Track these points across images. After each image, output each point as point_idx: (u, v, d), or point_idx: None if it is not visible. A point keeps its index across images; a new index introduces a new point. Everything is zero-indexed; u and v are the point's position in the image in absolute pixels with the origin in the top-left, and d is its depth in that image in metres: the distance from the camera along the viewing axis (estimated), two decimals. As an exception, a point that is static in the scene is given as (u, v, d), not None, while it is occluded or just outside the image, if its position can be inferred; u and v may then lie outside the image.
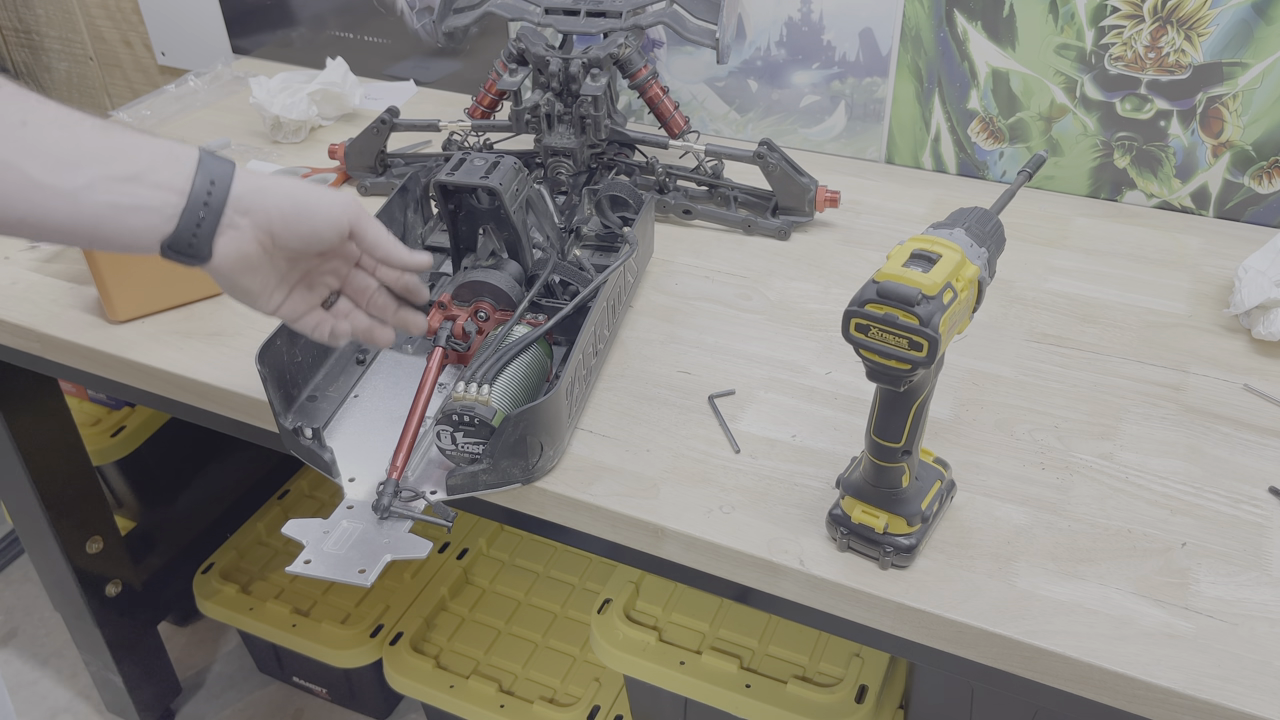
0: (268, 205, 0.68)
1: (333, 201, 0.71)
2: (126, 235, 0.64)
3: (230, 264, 0.68)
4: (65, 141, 0.63)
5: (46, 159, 0.62)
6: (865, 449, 0.70)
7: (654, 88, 1.11)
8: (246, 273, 0.70)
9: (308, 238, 0.71)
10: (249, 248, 0.68)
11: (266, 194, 0.69)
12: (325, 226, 0.71)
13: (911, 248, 0.63)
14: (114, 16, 1.76)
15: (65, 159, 0.62)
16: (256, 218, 0.68)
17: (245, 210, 0.67)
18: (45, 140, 0.62)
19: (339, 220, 0.72)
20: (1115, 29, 1.08)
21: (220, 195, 0.66)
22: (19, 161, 0.61)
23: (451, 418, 0.76)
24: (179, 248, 0.66)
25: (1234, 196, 1.12)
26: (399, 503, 0.76)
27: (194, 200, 0.65)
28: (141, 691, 1.52)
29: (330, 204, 0.71)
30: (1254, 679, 0.64)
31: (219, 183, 0.66)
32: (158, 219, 0.65)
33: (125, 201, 0.64)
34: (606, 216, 1.03)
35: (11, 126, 0.61)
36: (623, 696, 1.32)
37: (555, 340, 0.91)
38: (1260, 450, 0.81)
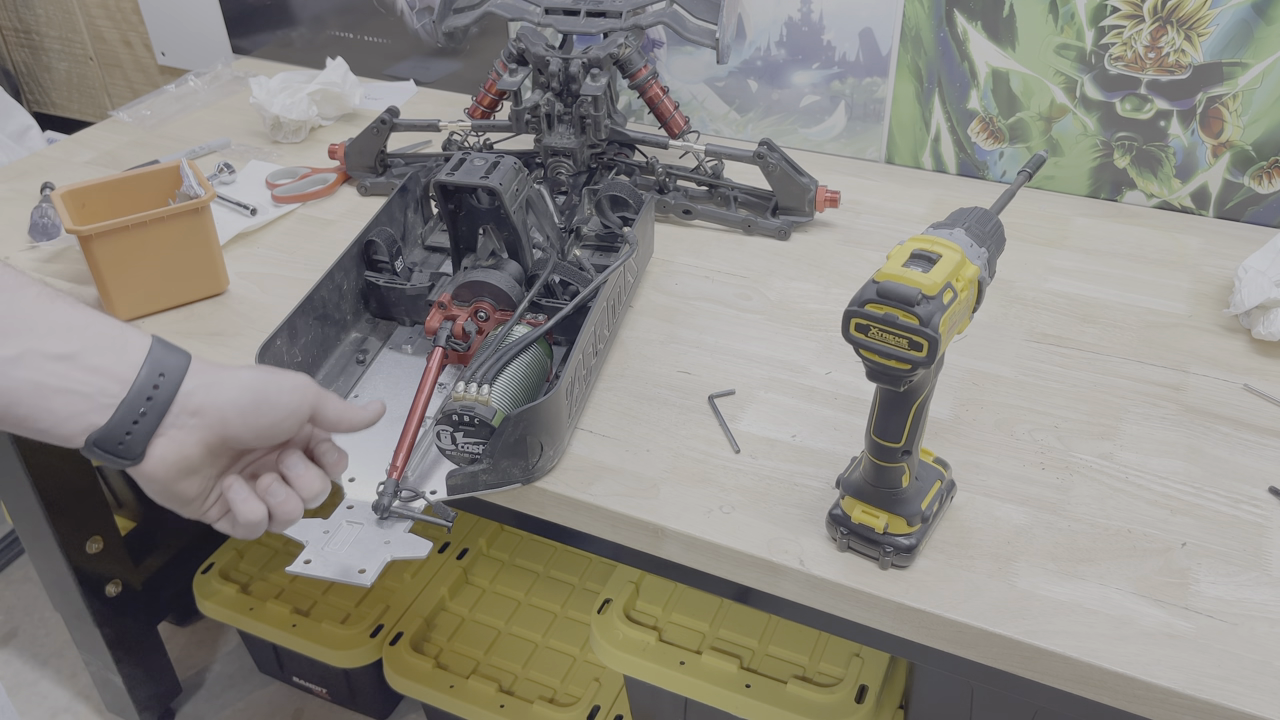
0: (221, 402, 0.61)
1: (293, 387, 0.65)
2: (46, 419, 0.57)
3: (166, 469, 0.60)
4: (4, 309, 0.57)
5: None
6: (865, 449, 0.70)
7: (654, 88, 1.11)
8: (184, 478, 0.62)
9: (265, 432, 0.64)
10: (191, 450, 0.61)
11: (221, 389, 0.62)
12: (285, 416, 0.64)
13: (911, 248, 0.63)
14: (114, 16, 1.76)
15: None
16: (208, 417, 0.61)
17: (195, 410, 0.61)
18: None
19: (299, 408, 0.65)
20: (1115, 29, 1.08)
21: (168, 390, 0.60)
22: None
23: (451, 418, 0.76)
24: (107, 445, 0.58)
25: (1234, 196, 1.12)
26: (399, 503, 0.76)
27: (135, 393, 0.59)
28: (141, 691, 1.52)
29: (291, 391, 0.65)
30: (1254, 679, 0.64)
31: (169, 375, 0.60)
32: (86, 406, 0.58)
33: (53, 382, 0.57)
34: (606, 216, 1.03)
35: None
36: (623, 696, 1.32)
37: (555, 340, 0.91)
38: (1260, 450, 0.81)
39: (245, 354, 0.94)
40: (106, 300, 0.98)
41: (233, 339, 0.97)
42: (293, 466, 0.67)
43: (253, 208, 1.17)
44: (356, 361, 0.92)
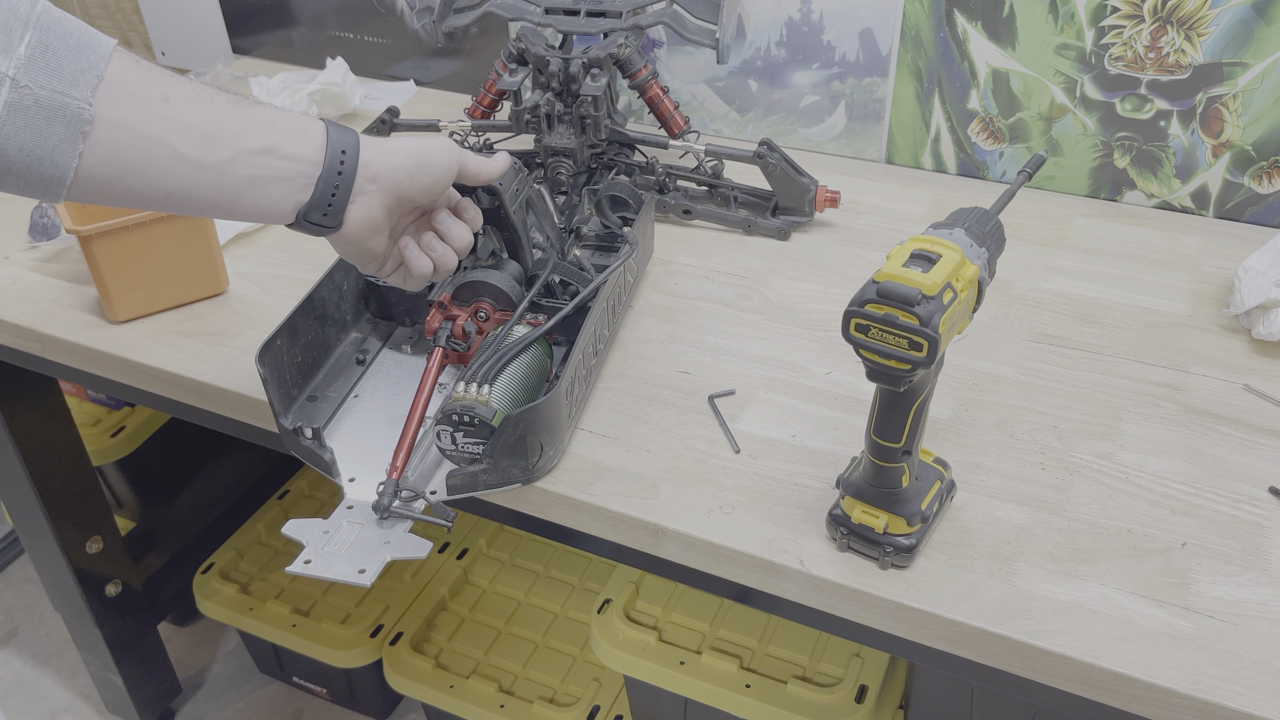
0: (393, 167, 0.72)
1: (444, 148, 0.75)
2: (265, 205, 0.68)
3: (360, 230, 0.72)
4: (205, 116, 0.65)
5: (191, 134, 0.64)
6: (865, 449, 0.70)
7: (654, 88, 1.11)
8: (373, 236, 0.73)
9: (429, 188, 0.74)
10: (377, 212, 0.72)
11: (390, 156, 0.72)
12: (443, 173, 0.75)
13: (911, 248, 0.63)
14: (114, 16, 1.76)
15: (208, 134, 0.65)
16: (384, 182, 0.71)
17: (373, 177, 0.71)
18: (188, 116, 0.64)
19: (451, 165, 0.75)
20: (1115, 29, 1.08)
21: (351, 165, 0.70)
22: (167, 136, 0.64)
23: (451, 418, 0.76)
24: (313, 216, 0.70)
25: (1234, 196, 1.12)
26: (399, 503, 0.76)
27: (328, 170, 0.69)
28: (141, 691, 1.52)
29: (442, 151, 0.75)
30: (1254, 679, 0.64)
31: (349, 153, 0.70)
32: (293, 188, 0.68)
33: (265, 174, 0.67)
34: (606, 216, 1.03)
35: (155, 102, 0.63)
36: (623, 696, 1.32)
37: (555, 340, 0.91)
38: (1260, 450, 0.81)
39: (246, 354, 0.95)
40: (106, 300, 0.98)
41: (233, 339, 0.97)
42: (443, 222, 0.79)
43: (253, 208, 1.17)
44: (356, 361, 0.92)
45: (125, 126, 0.62)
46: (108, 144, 0.62)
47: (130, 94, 0.62)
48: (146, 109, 0.63)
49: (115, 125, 0.62)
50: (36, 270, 1.08)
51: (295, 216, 0.70)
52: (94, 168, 0.62)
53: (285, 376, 0.84)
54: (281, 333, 0.82)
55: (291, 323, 0.84)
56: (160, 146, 0.63)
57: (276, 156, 0.68)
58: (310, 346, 0.87)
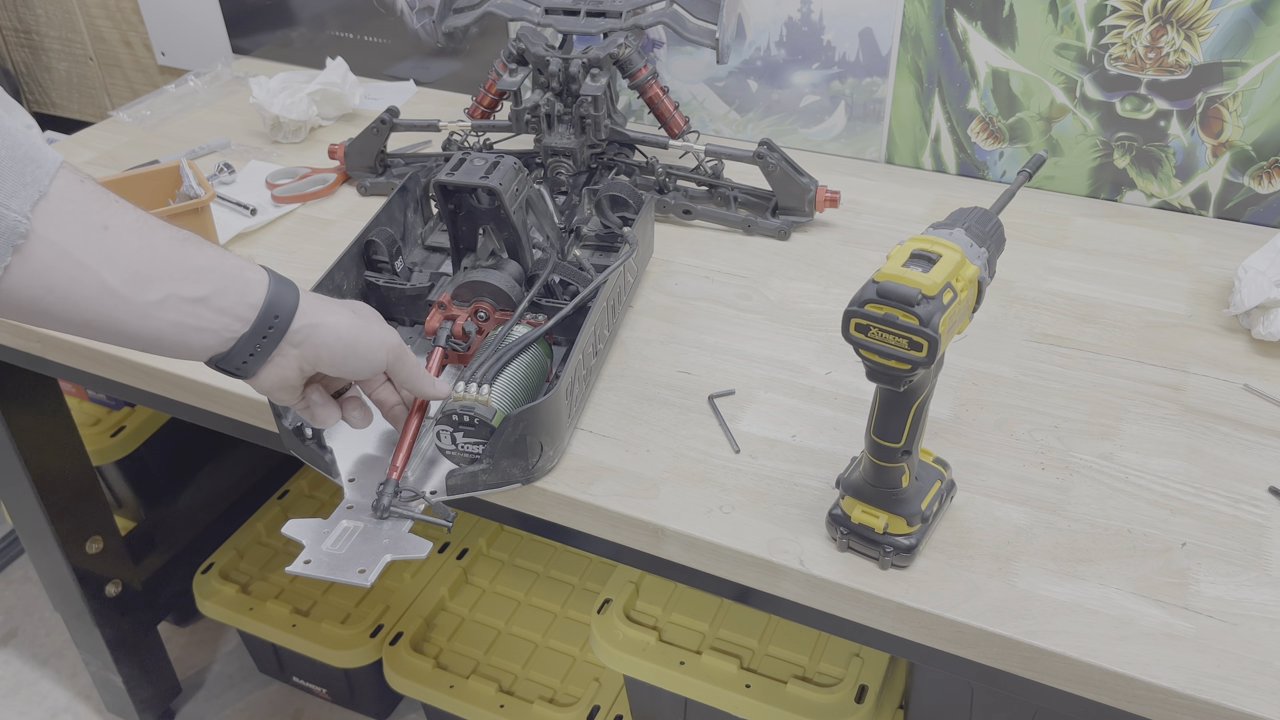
0: (318, 343, 0.71)
1: (380, 344, 0.74)
2: (182, 350, 0.67)
3: (270, 385, 0.71)
4: (143, 253, 0.63)
5: (124, 269, 0.62)
6: (865, 449, 0.70)
7: (654, 88, 1.11)
8: (282, 391, 0.73)
9: (349, 374, 0.74)
10: (290, 373, 0.71)
11: (322, 332, 0.71)
12: (367, 368, 0.74)
13: (911, 248, 0.63)
14: (114, 16, 1.76)
15: (141, 273, 0.63)
16: (305, 352, 0.71)
17: (297, 344, 0.70)
18: (125, 249, 0.62)
19: (381, 363, 0.75)
20: (1115, 29, 1.08)
21: (280, 330, 0.69)
22: (98, 268, 0.61)
23: (451, 418, 0.76)
24: (226, 365, 0.69)
25: (1234, 196, 1.12)
26: (399, 502, 0.76)
27: (254, 333, 0.68)
28: (141, 691, 1.52)
29: (376, 347, 0.74)
30: (1254, 679, 0.64)
31: (282, 318, 0.69)
32: (215, 340, 0.67)
33: (191, 322, 0.66)
34: (606, 216, 1.03)
35: (93, 229, 0.61)
36: (623, 696, 1.32)
37: (555, 340, 0.91)
38: (1260, 450, 0.81)
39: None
40: (106, 300, 0.98)
41: (233, 339, 0.97)
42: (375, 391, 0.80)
43: (253, 208, 1.17)
44: (356, 361, 0.92)
45: (58, 249, 0.59)
46: (36, 263, 0.58)
47: (69, 215, 0.60)
48: (84, 234, 0.60)
49: (48, 245, 0.59)
50: (36, 270, 1.08)
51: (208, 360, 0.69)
52: (16, 284, 0.59)
53: (285, 376, 0.84)
54: (281, 333, 0.82)
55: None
56: (89, 276, 0.60)
57: (207, 308, 0.66)
58: (310, 346, 0.87)
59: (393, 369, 0.76)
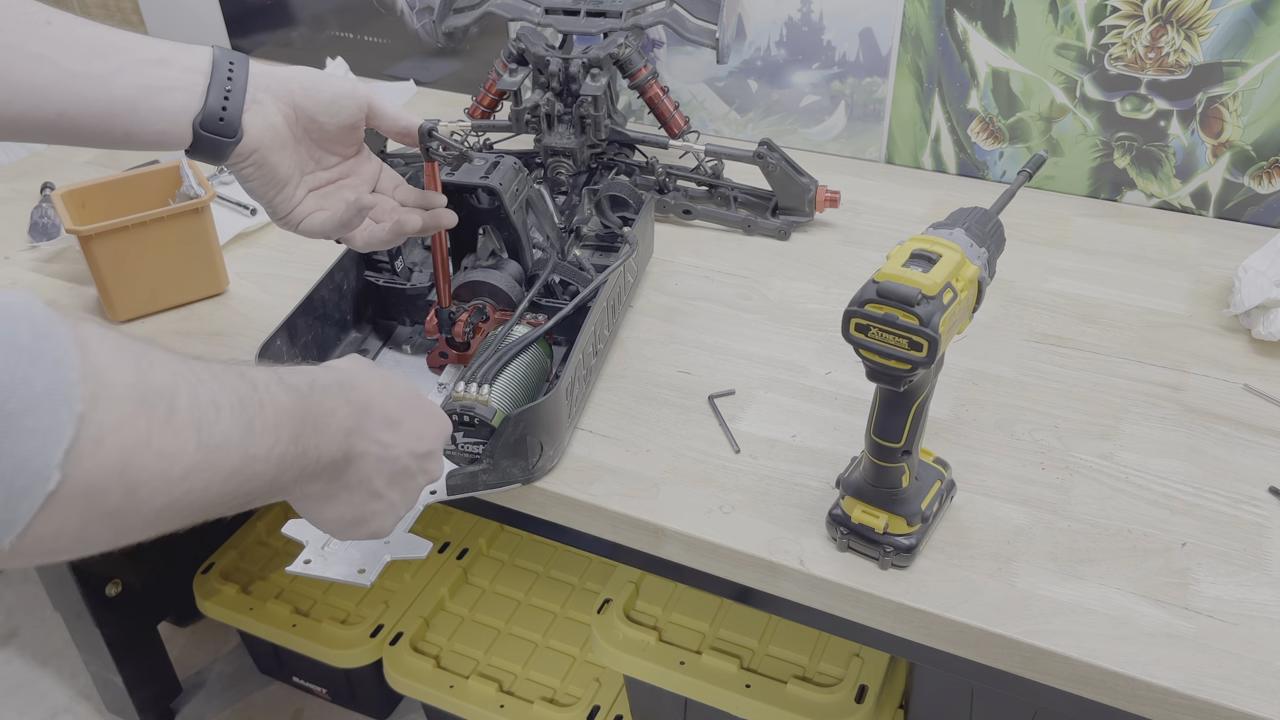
0: (286, 78, 0.72)
1: (347, 79, 0.75)
2: (160, 117, 0.67)
3: (262, 138, 0.70)
4: (90, 35, 0.65)
5: (77, 50, 0.64)
6: (865, 449, 0.70)
7: (654, 88, 1.11)
8: (277, 149, 0.72)
9: (329, 106, 0.73)
10: (276, 119, 0.71)
11: (282, 72, 0.72)
12: (341, 94, 0.74)
13: (911, 248, 0.63)
14: (114, 16, 1.76)
15: (94, 48, 0.65)
16: (278, 93, 0.71)
17: (266, 87, 0.71)
18: (72, 34, 0.64)
19: (356, 92, 0.75)
20: (1115, 29, 1.08)
21: (242, 72, 0.70)
22: (52, 54, 0.63)
23: (451, 417, 0.76)
24: (210, 125, 0.68)
25: (1234, 196, 1.12)
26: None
27: (218, 75, 0.68)
28: (141, 691, 1.52)
29: (344, 79, 0.75)
30: (1254, 679, 0.64)
31: (238, 63, 0.70)
32: (186, 97, 0.67)
33: (156, 83, 0.66)
34: (606, 216, 1.03)
35: (38, 25, 0.63)
36: (623, 696, 1.32)
37: (555, 340, 0.91)
38: (1260, 450, 0.81)
39: (246, 354, 0.94)
40: (106, 300, 0.98)
41: (233, 339, 0.97)
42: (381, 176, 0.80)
43: (253, 208, 1.17)
44: (356, 361, 0.92)
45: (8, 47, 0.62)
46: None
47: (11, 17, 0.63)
48: (29, 31, 0.63)
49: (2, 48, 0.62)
50: (36, 270, 1.08)
51: (192, 130, 0.68)
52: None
53: (285, 376, 0.84)
54: (281, 332, 0.82)
55: (291, 322, 0.84)
56: (45, 65, 0.63)
57: (168, 66, 0.67)
58: (310, 346, 0.87)
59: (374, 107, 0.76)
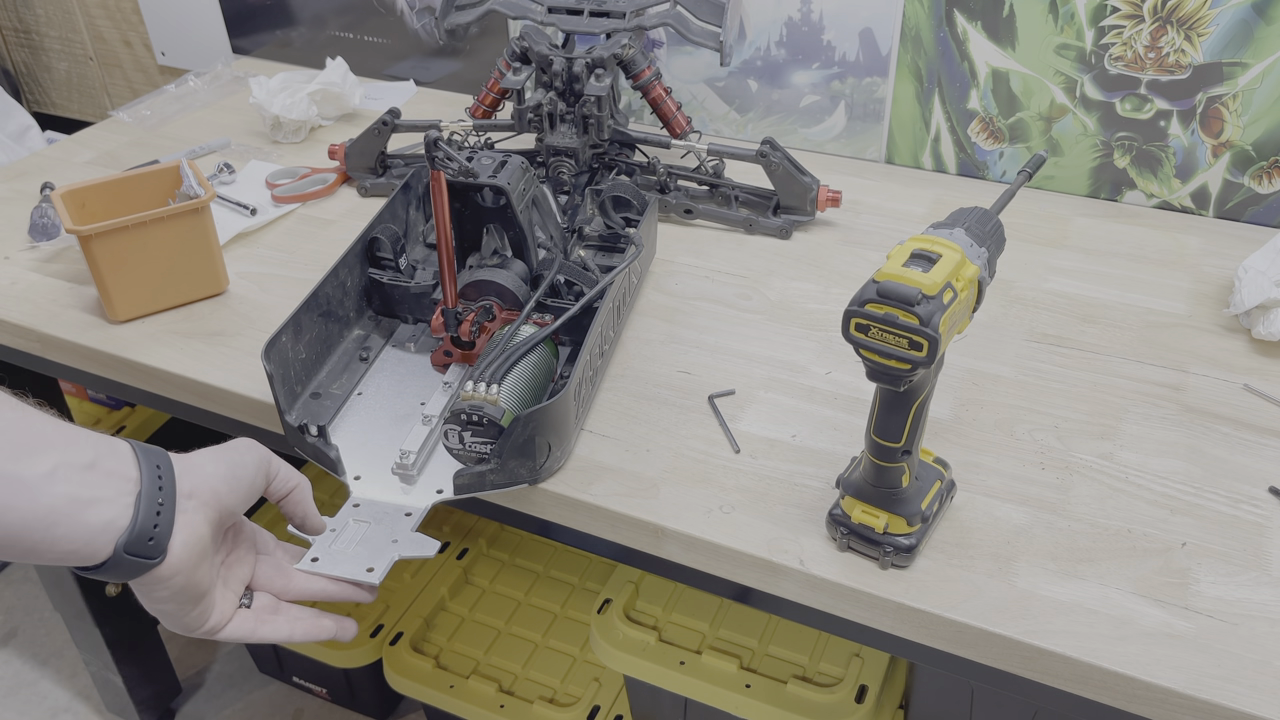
0: (207, 475, 0.63)
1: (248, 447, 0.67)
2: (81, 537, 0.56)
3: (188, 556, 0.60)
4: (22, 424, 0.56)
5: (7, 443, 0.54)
6: (865, 449, 0.70)
7: (657, 88, 1.11)
8: (201, 563, 0.62)
9: (245, 492, 0.66)
10: (203, 529, 0.62)
11: (200, 467, 0.63)
12: (255, 474, 0.67)
13: (911, 248, 0.63)
14: (114, 16, 1.76)
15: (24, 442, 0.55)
16: (203, 496, 0.62)
17: (189, 493, 0.61)
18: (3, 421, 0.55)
19: (261, 463, 0.67)
20: (1115, 29, 1.08)
21: (169, 478, 0.60)
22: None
23: (460, 417, 0.76)
24: (137, 547, 0.57)
25: (1234, 196, 1.12)
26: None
27: (149, 487, 0.59)
28: (141, 691, 1.52)
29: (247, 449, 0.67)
30: (1254, 679, 0.64)
31: (163, 466, 0.61)
32: (114, 512, 0.57)
33: (84, 494, 0.56)
34: (610, 217, 1.03)
35: None
36: (623, 696, 1.32)
37: (560, 340, 0.91)
38: (1260, 450, 0.81)
39: (246, 354, 0.95)
40: (106, 301, 0.98)
41: (233, 339, 0.97)
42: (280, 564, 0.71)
43: (253, 208, 1.17)
44: (359, 359, 0.92)
45: None
46: None
47: None
48: None
49: None
50: (36, 270, 1.09)
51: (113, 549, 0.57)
52: None
53: (290, 373, 0.84)
54: (286, 329, 0.82)
55: (296, 319, 0.84)
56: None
57: (97, 473, 0.57)
58: (314, 343, 0.87)
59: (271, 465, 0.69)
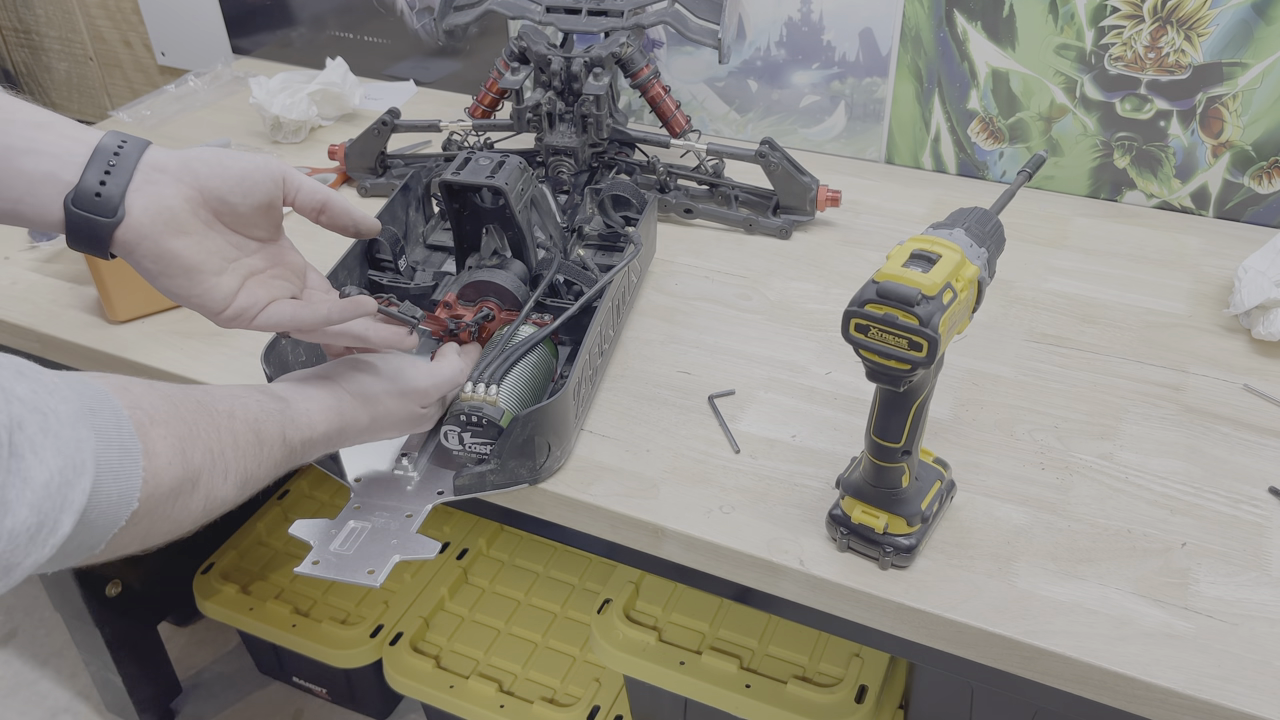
0: (187, 156, 0.62)
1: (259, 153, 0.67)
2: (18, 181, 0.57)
3: (151, 222, 0.59)
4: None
5: None
6: (865, 449, 0.70)
7: (656, 87, 1.11)
8: (175, 234, 0.60)
9: (240, 183, 0.63)
10: (171, 200, 0.60)
11: (187, 151, 0.63)
12: (255, 170, 0.64)
13: (911, 248, 0.63)
14: (114, 16, 1.76)
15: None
16: (175, 171, 0.61)
17: (162, 166, 0.61)
18: None
19: (269, 165, 0.65)
20: (1115, 29, 1.08)
21: (133, 151, 0.60)
22: None
23: (459, 418, 0.76)
24: (83, 203, 0.58)
25: (1234, 196, 1.12)
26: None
27: (102, 150, 0.59)
28: (141, 691, 1.52)
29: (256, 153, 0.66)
30: (1254, 679, 0.64)
31: (131, 141, 0.61)
32: (56, 166, 0.58)
33: (23, 145, 0.57)
34: (609, 216, 1.03)
35: None
36: (623, 696, 1.32)
37: (560, 340, 0.91)
38: (1260, 450, 0.81)
39: (246, 354, 0.95)
40: (106, 300, 0.98)
41: (233, 339, 0.97)
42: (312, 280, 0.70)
43: (253, 208, 1.17)
44: (357, 361, 0.92)
45: None
46: None
47: None
48: None
49: None
50: (36, 270, 1.09)
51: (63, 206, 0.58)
52: None
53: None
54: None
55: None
56: None
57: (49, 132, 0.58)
58: (314, 346, 0.87)
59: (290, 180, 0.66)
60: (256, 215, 0.65)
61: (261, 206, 0.65)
